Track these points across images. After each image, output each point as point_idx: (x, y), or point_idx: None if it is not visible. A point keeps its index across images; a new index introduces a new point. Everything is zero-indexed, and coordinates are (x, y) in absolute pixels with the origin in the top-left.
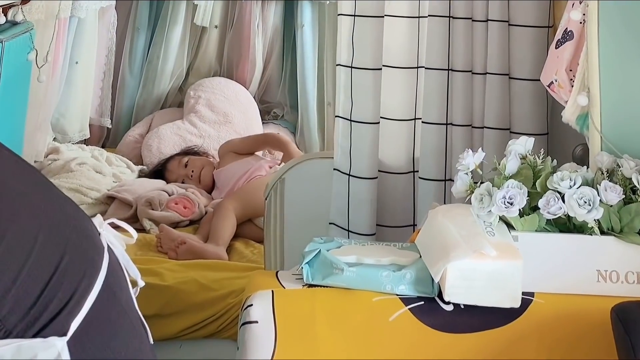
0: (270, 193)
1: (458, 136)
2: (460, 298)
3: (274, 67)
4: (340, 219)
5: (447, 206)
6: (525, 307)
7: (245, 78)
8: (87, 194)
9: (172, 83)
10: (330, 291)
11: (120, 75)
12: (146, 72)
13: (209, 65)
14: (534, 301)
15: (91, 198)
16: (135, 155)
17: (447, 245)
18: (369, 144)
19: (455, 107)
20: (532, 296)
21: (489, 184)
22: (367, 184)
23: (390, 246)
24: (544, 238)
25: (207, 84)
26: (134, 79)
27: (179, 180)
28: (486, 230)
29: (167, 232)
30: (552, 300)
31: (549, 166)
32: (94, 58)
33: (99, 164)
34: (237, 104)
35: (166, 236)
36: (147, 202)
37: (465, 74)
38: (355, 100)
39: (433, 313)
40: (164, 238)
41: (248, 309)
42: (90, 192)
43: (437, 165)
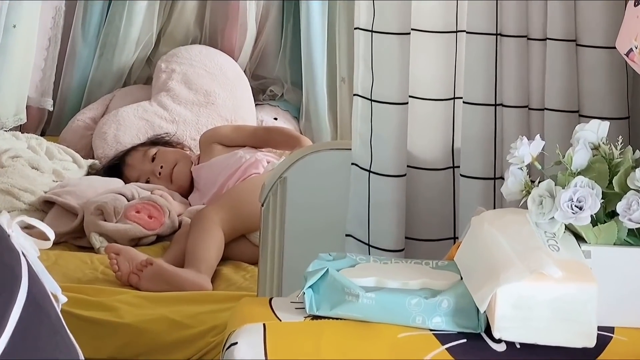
0: (267, 197)
1: (510, 120)
2: (515, 334)
3: (271, 33)
4: (359, 230)
5: (497, 212)
6: (602, 347)
7: (234, 47)
8: (20, 197)
9: (137, 53)
10: (341, 325)
11: (70, 42)
12: (104, 39)
13: (185, 30)
14: (613, 338)
15: (24, 203)
16: (84, 145)
17: (496, 264)
18: (395, 130)
19: (507, 83)
20: (612, 332)
21: (550, 182)
22: (393, 184)
23: (422, 265)
24: (624, 254)
25: (183, 55)
26: (88, 48)
27: (142, 180)
28: (548, 243)
29: (127, 251)
30: (638, 337)
31: (630, 159)
32: (36, 20)
33: (36, 158)
34: (223, 79)
35: (126, 256)
36: (97, 209)
37: (519, 39)
38: (377, 74)
39: (479, 354)
40: (123, 258)
41: (232, 348)
42: (24, 194)
43: (483, 159)
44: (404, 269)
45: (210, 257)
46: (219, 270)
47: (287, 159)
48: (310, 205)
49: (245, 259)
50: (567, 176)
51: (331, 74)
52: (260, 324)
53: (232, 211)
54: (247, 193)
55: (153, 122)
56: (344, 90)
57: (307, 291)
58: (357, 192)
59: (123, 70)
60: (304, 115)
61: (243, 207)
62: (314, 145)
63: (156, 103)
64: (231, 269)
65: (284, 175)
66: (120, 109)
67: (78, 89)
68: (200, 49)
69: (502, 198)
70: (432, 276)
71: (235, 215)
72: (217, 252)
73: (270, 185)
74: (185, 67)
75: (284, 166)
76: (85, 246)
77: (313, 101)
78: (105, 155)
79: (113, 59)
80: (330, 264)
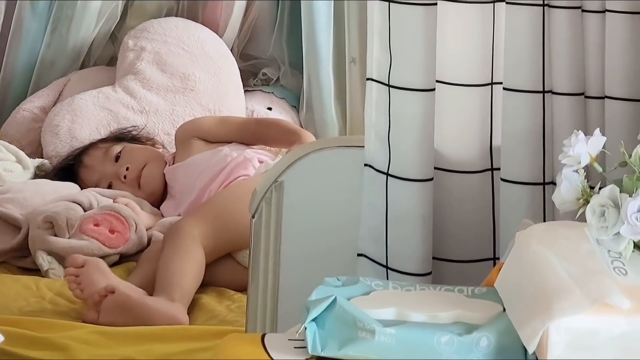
0: (259, 207)
1: (563, 111)
2: None
3: (264, 3)
4: (374, 248)
5: (547, 225)
6: None
7: (218, 20)
8: None
9: (99, 27)
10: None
11: (15, 14)
12: (58, 10)
13: None
14: None
15: None
16: (31, 141)
17: (547, 292)
18: (420, 124)
19: (557, 66)
20: None
21: (615, 189)
22: (417, 190)
23: (454, 292)
24: None
25: (155, 29)
26: (38, 20)
27: (103, 184)
28: (613, 265)
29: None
30: None
31: None
32: None
33: None
34: (204, 60)
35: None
36: (46, 221)
37: (572, 11)
38: (396, 53)
39: None
40: (87, 271)
41: None
42: None
43: (529, 159)
44: (432, 297)
45: (187, 282)
46: (197, 299)
47: (284, 158)
48: (312, 216)
49: (230, 284)
50: (635, 181)
51: (339, 54)
52: None
53: (216, 223)
54: (234, 201)
55: (117, 112)
56: (354, 73)
57: (309, 326)
58: (371, 200)
59: (81, 48)
60: (305, 104)
61: (230, 219)
62: (318, 141)
63: (121, 89)
64: (213, 298)
65: (279, 179)
66: (77, 96)
67: (24, 71)
68: (176, 23)
69: (553, 208)
70: (467, 307)
71: (220, 228)
72: (195, 276)
73: (263, 192)
74: (158, 44)
75: (280, 168)
76: (29, 268)
77: (316, 87)
78: (57, 154)
79: (68, 35)
80: (339, 291)
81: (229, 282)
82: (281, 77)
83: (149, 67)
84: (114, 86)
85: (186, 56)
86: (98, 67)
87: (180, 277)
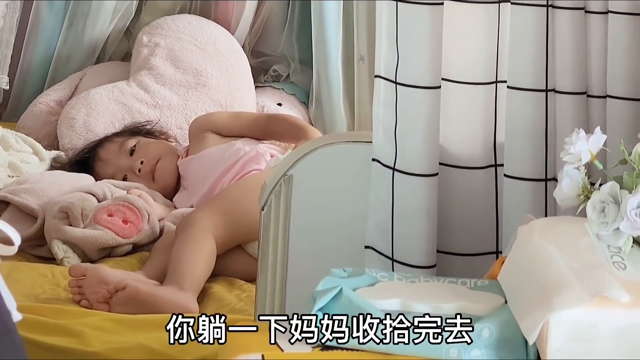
0: (269, 200)
1: (565, 110)
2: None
3: (275, 1)
4: (380, 241)
5: (549, 220)
6: None
7: (230, 17)
8: None
9: (114, 23)
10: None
11: (32, 9)
12: (74, 6)
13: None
14: None
15: None
16: (47, 134)
17: (548, 285)
18: (425, 120)
19: (560, 65)
20: None
21: (615, 185)
22: (422, 185)
23: (457, 284)
24: None
25: (169, 26)
26: (55, 16)
27: (118, 177)
28: (612, 260)
29: (95, 272)
30: None
31: None
32: None
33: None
34: (217, 56)
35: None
36: (61, 212)
37: (575, 12)
38: (403, 51)
39: None
40: (88, 282)
41: None
42: None
43: (532, 156)
44: (436, 289)
45: (197, 272)
46: (208, 288)
47: (293, 153)
48: (320, 209)
49: (240, 274)
50: (634, 178)
51: (347, 52)
52: (258, 355)
53: (228, 216)
54: (247, 193)
55: (131, 106)
56: (362, 70)
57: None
58: (378, 194)
59: (96, 43)
60: (315, 100)
61: (241, 211)
62: (326, 137)
63: (135, 83)
64: (223, 287)
65: (288, 173)
66: (92, 90)
67: (41, 65)
68: (189, 20)
69: (555, 204)
70: (470, 298)
71: (231, 221)
72: (206, 266)
73: (273, 185)
74: (172, 40)
75: (289, 162)
76: (45, 256)
77: (325, 84)
78: (73, 146)
79: (84, 30)
80: (345, 282)
81: (238, 273)
82: (291, 73)
83: (162, 62)
84: (128, 81)
85: (199, 52)
86: (113, 62)
87: (191, 267)
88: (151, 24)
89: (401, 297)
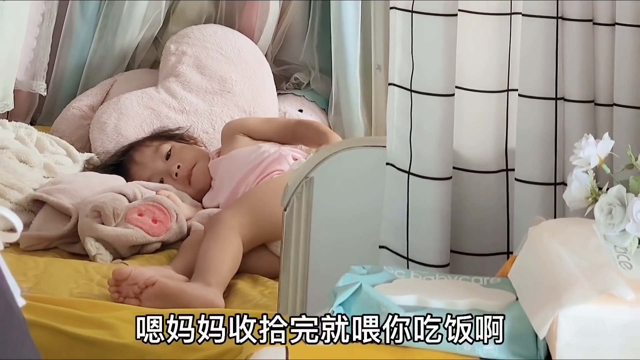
0: (291, 200)
1: (574, 117)
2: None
3: (297, 12)
4: (395, 241)
5: (558, 222)
6: None
7: (253, 27)
8: (6, 195)
9: (143, 32)
10: (375, 349)
11: (66, 19)
12: (105, 16)
13: (198, 7)
14: None
15: (10, 201)
16: (80, 137)
17: (557, 283)
18: (439, 126)
19: (569, 74)
20: None
21: (621, 189)
22: (437, 188)
23: (471, 282)
24: None
25: (195, 35)
26: (87, 25)
27: (154, 180)
28: (619, 260)
29: (135, 275)
30: None
31: None
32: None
33: (25, 150)
34: (241, 64)
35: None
36: (94, 211)
37: (583, 24)
38: (418, 60)
39: None
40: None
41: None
42: (10, 191)
43: (542, 161)
44: (450, 286)
45: (223, 269)
46: (233, 285)
47: (314, 156)
48: (339, 210)
49: (264, 271)
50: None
51: (365, 61)
52: (282, 347)
53: (253, 216)
54: (270, 196)
55: (160, 111)
56: (379, 79)
57: (336, 309)
58: (393, 196)
59: (126, 51)
60: (334, 107)
61: (265, 212)
62: (345, 141)
63: (163, 90)
64: (248, 283)
65: (310, 176)
66: (122, 95)
67: (74, 72)
68: (215, 29)
69: (564, 207)
70: (483, 295)
71: (257, 220)
72: (232, 263)
73: (295, 187)
74: (198, 49)
75: (310, 165)
76: (79, 253)
77: (344, 91)
78: (104, 149)
79: (115, 39)
80: (364, 279)
81: (262, 270)
82: (312, 81)
83: (189, 70)
84: (156, 87)
85: (224, 61)
86: (142, 69)
87: (218, 264)
88: (178, 34)
89: (417, 294)
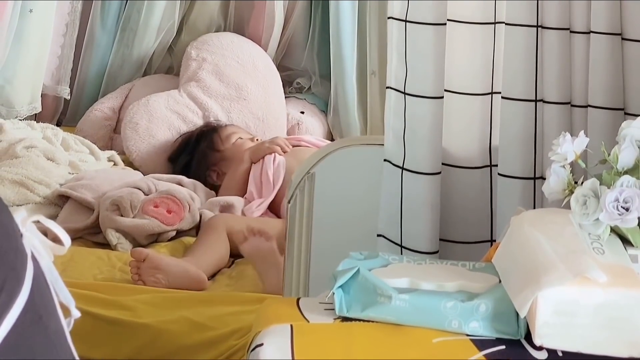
0: (294, 194)
1: (552, 117)
2: (557, 342)
3: (299, 22)
4: (391, 230)
5: (537, 212)
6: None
7: (260, 37)
8: (35, 190)
9: (159, 40)
10: (372, 327)
11: (88, 28)
12: (124, 25)
13: (209, 18)
14: None
15: (39, 195)
16: (102, 136)
17: (537, 267)
18: (430, 126)
19: (548, 79)
20: None
21: (595, 182)
22: (427, 182)
23: (458, 266)
24: None
25: (214, 42)
26: (107, 34)
27: None
28: (593, 246)
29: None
30: None
31: None
32: (53, 5)
33: (51, 148)
34: (254, 72)
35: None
36: (113, 204)
37: (561, 32)
38: (411, 66)
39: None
40: (146, 265)
41: (257, 349)
42: (38, 187)
43: (522, 158)
44: (439, 270)
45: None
46: (243, 270)
47: (316, 153)
48: (339, 202)
49: None
50: (612, 175)
51: (361, 67)
52: (287, 325)
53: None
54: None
55: (184, 115)
56: (374, 84)
57: (337, 291)
58: (389, 190)
59: (143, 58)
60: (333, 109)
61: None
62: (344, 139)
63: (186, 94)
64: None
65: (312, 171)
66: (150, 98)
67: (96, 77)
68: (232, 38)
69: (542, 200)
70: (469, 278)
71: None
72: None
73: (298, 182)
74: (217, 57)
75: (312, 161)
76: (102, 242)
77: (342, 95)
78: (137, 148)
79: (133, 47)
80: (362, 264)
81: None
82: (312, 86)
83: (209, 76)
84: (179, 90)
85: (240, 69)
86: (158, 75)
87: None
88: (198, 40)
89: (410, 277)
